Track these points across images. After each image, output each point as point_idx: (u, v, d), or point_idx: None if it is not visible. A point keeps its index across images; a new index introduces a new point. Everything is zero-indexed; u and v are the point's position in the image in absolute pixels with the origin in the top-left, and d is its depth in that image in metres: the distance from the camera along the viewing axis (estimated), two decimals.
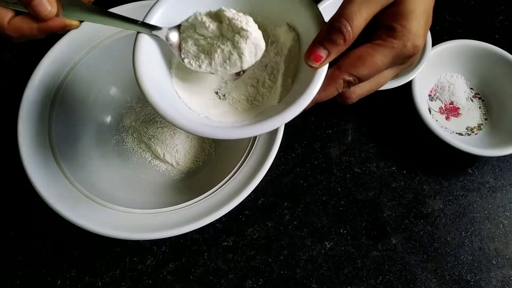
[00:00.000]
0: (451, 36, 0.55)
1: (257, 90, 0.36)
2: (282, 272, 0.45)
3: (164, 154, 0.48)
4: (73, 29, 0.32)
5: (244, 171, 0.41)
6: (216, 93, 0.37)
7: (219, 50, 0.33)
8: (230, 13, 0.32)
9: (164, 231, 0.38)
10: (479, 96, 0.55)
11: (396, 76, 0.53)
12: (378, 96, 0.54)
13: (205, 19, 0.33)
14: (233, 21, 0.32)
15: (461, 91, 0.55)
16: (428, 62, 0.51)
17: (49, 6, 0.29)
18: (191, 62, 0.34)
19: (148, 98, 0.31)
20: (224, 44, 0.32)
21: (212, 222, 0.39)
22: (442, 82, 0.55)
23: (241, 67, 0.32)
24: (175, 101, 0.34)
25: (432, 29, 0.52)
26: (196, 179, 0.48)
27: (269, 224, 0.47)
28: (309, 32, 0.33)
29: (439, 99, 0.55)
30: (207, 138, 0.50)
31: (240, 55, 0.32)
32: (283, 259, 0.46)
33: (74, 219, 0.38)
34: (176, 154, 0.48)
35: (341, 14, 0.27)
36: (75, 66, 0.46)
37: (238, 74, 0.36)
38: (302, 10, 0.33)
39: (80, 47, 0.46)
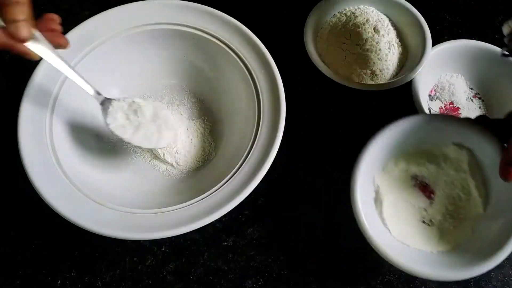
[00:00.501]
0: (451, 36, 0.56)
1: (456, 205, 0.42)
2: (282, 272, 0.45)
3: (164, 154, 0.48)
4: (30, 59, 0.36)
5: (244, 171, 0.41)
6: (423, 221, 0.42)
7: (144, 130, 0.43)
8: (162, 111, 0.45)
9: (164, 231, 0.38)
10: (479, 96, 0.55)
11: (396, 76, 0.53)
12: (378, 96, 0.54)
13: (142, 105, 0.43)
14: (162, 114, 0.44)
15: (461, 91, 0.55)
16: (428, 62, 0.51)
17: (27, 33, 0.33)
18: (116, 129, 0.42)
19: (387, 257, 0.37)
20: (150, 126, 0.43)
21: (212, 222, 0.39)
22: (442, 82, 0.55)
23: (156, 146, 0.44)
24: (398, 244, 0.40)
25: (432, 29, 0.53)
26: (196, 179, 0.48)
27: (269, 224, 0.47)
28: (483, 146, 0.40)
29: (439, 99, 0.55)
30: (207, 138, 0.50)
31: (160, 139, 0.44)
32: (283, 259, 0.46)
33: (74, 219, 0.38)
34: (176, 154, 0.48)
35: None
36: (76, 66, 0.46)
37: (430, 197, 0.43)
38: (466, 131, 0.40)
39: (80, 47, 0.46)
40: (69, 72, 0.39)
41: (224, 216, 0.39)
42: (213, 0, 0.50)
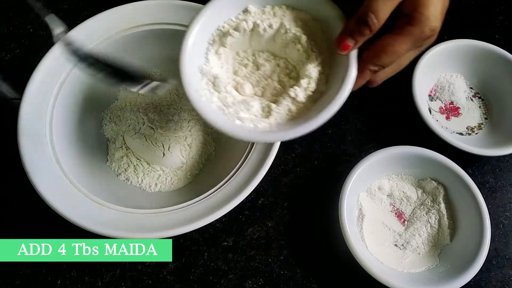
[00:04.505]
0: (451, 36, 0.55)
1: (428, 234, 0.46)
2: (282, 272, 0.45)
3: (164, 154, 0.47)
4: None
5: (244, 171, 0.41)
6: (395, 245, 0.46)
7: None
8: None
9: (164, 231, 0.38)
10: (479, 95, 0.55)
11: None
12: (378, 96, 0.54)
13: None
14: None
15: (461, 90, 0.55)
16: (428, 62, 0.51)
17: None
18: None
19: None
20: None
21: (212, 222, 0.39)
22: (442, 82, 0.55)
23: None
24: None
25: None
26: (196, 179, 0.48)
27: (269, 224, 0.47)
28: (455, 185, 0.46)
29: (439, 99, 0.55)
30: (207, 138, 0.50)
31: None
32: (283, 259, 0.46)
33: (74, 219, 0.38)
34: (176, 154, 0.48)
35: (368, 8, 0.30)
36: (75, 66, 0.46)
37: (403, 224, 0.47)
38: (443, 170, 0.46)
39: (80, 47, 0.46)
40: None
41: (224, 216, 0.39)
42: None
